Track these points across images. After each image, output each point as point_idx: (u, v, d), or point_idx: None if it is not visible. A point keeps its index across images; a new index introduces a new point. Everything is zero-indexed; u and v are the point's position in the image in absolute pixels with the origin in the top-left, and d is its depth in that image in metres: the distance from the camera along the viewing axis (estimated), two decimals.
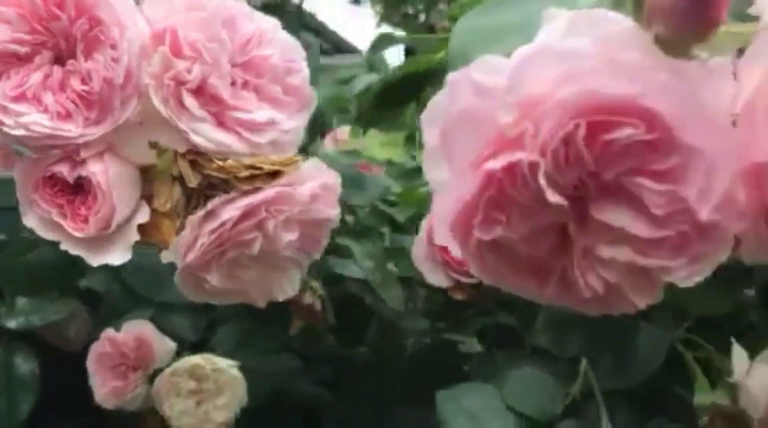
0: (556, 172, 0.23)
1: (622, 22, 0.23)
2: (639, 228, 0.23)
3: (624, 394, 0.57)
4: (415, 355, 0.74)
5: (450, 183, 0.25)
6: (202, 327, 0.80)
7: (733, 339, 0.53)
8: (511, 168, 0.23)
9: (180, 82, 0.36)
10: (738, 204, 0.23)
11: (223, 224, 0.37)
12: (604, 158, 0.23)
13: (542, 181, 0.22)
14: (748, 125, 0.22)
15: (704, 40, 0.22)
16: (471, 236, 0.25)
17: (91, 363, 0.67)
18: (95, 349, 0.67)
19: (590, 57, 0.23)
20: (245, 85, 0.38)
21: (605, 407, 0.56)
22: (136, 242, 0.38)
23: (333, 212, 0.41)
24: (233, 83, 0.38)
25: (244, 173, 0.37)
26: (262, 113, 0.38)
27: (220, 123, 0.37)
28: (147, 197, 0.39)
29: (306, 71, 0.41)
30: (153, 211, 0.38)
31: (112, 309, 0.73)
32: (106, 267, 0.44)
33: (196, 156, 0.37)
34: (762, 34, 0.22)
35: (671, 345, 0.58)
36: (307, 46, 0.40)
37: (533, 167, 0.22)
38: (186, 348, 0.73)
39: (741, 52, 0.23)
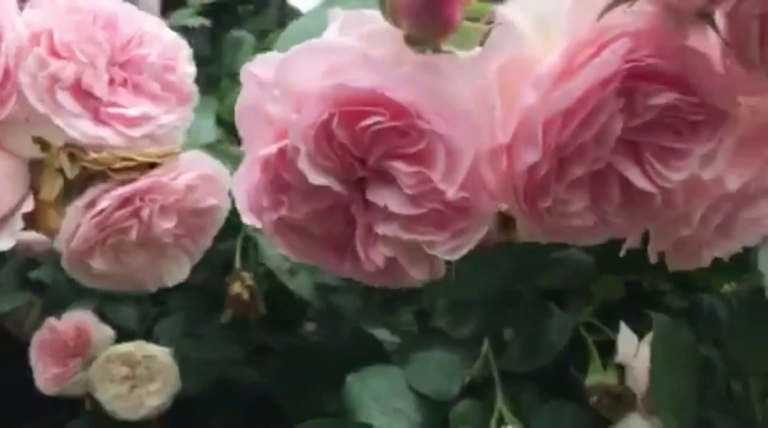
0: (321, 157, 0.25)
1: (381, 21, 0.26)
2: (398, 207, 0.26)
3: (529, 375, 0.60)
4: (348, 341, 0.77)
5: (243, 169, 0.28)
6: (150, 317, 0.83)
7: (622, 322, 0.56)
8: (281, 154, 0.26)
9: (54, 81, 0.38)
10: (487, 184, 0.26)
11: (101, 211, 0.40)
12: (362, 144, 0.25)
13: (303, 165, 0.25)
14: (489, 111, 0.25)
15: (444, 37, 0.25)
16: (263, 217, 0.28)
17: (33, 351, 0.70)
18: (37, 337, 0.70)
19: (348, 53, 0.25)
20: (124, 82, 0.41)
21: (510, 387, 0.58)
22: None
23: (215, 201, 0.44)
24: (112, 81, 0.41)
25: (118, 165, 0.40)
26: (137, 109, 0.40)
27: (97, 118, 0.40)
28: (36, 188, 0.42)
29: (187, 69, 0.44)
30: (40, 201, 0.41)
31: (58, 300, 0.76)
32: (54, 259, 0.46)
33: (74, 149, 0.40)
34: (496, 29, 0.25)
35: (575, 329, 0.60)
36: None
37: (295, 152, 0.25)
38: (134, 337, 0.76)
39: None
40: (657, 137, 0.25)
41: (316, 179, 0.25)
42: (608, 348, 0.59)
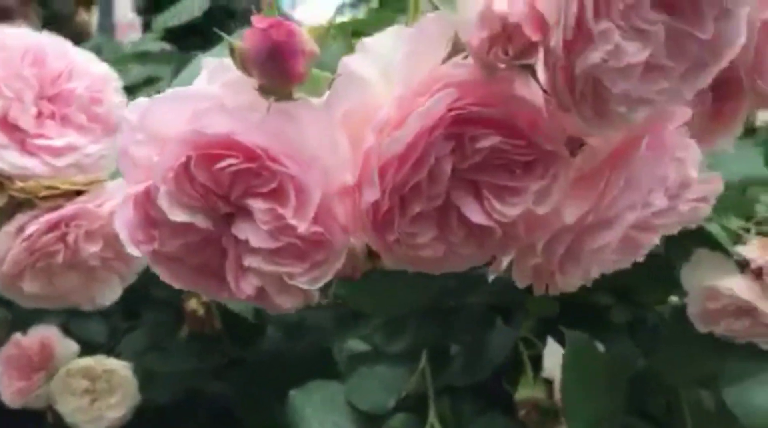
0: (182, 196, 0.28)
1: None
2: (258, 241, 0.28)
3: (468, 389, 0.62)
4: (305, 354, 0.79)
5: (120, 204, 0.30)
6: (120, 331, 0.85)
7: (549, 337, 0.58)
8: (146, 193, 0.28)
9: None
10: (340, 219, 0.28)
11: (29, 236, 0.43)
12: (222, 183, 0.28)
13: (163, 204, 0.27)
14: (335, 154, 0.27)
15: (291, 86, 0.27)
16: (140, 250, 0.30)
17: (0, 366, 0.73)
18: (3, 352, 0.73)
19: (208, 100, 0.28)
20: (52, 115, 0.44)
21: (450, 400, 0.60)
22: None
23: None
24: (40, 114, 0.43)
25: (44, 193, 0.42)
26: (63, 139, 0.43)
27: (24, 149, 0.42)
28: None
29: (115, 100, 0.46)
30: None
31: (26, 316, 0.79)
32: None
33: (2, 178, 0.42)
34: (339, 78, 0.27)
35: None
36: None
37: (155, 191, 0.27)
38: (100, 352, 0.78)
39: None
40: (492, 175, 0.27)
41: (177, 216, 0.27)
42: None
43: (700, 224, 0.52)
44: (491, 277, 0.33)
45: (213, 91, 0.28)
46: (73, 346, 0.74)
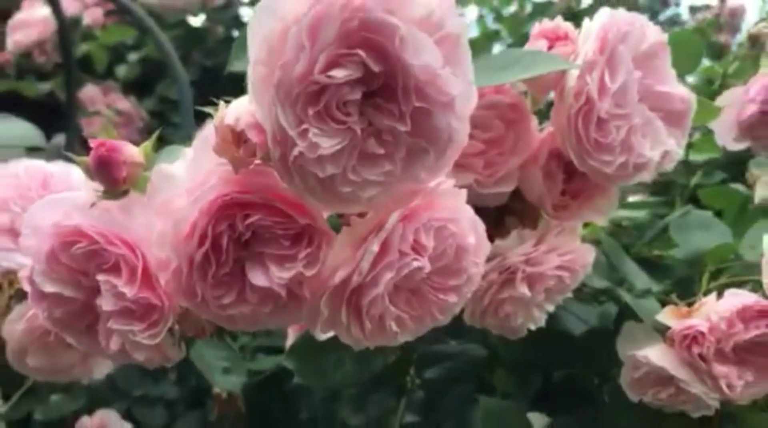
0: (52, 273, 0.37)
1: None
2: (106, 305, 0.37)
3: None
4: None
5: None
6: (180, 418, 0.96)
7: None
8: (31, 274, 0.38)
9: None
10: (163, 286, 0.37)
11: (29, 319, 0.54)
12: (79, 262, 0.37)
13: (38, 279, 0.37)
14: (154, 236, 0.36)
15: (119, 189, 0.36)
16: (42, 318, 0.40)
17: None
18: None
19: (71, 202, 0.38)
20: None
21: None
22: None
23: None
24: None
25: None
26: None
27: None
28: None
29: None
30: None
31: (98, 402, 0.91)
32: None
33: (11, 276, 0.55)
34: (154, 177, 0.36)
35: None
36: None
37: (29, 271, 0.37)
38: None
39: None
40: (270, 247, 0.35)
41: (48, 288, 0.37)
42: None
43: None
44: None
45: (76, 195, 0.38)
46: (127, 427, 0.85)
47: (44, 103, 1.46)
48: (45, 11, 1.26)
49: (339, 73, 0.30)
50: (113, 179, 0.36)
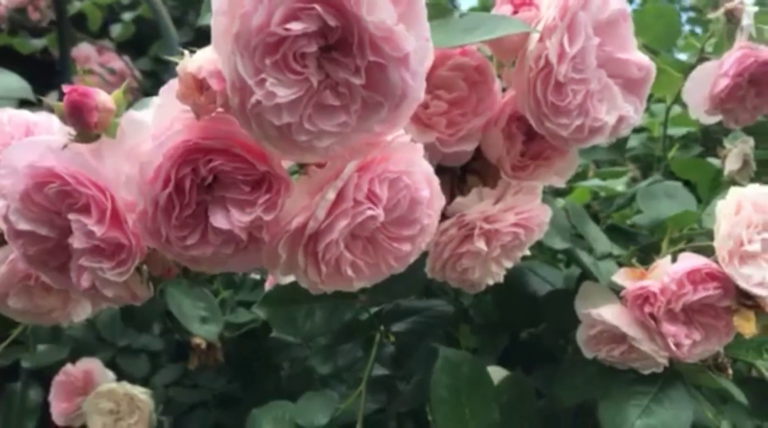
0: (26, 211, 0.39)
1: None
2: (77, 243, 0.39)
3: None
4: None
5: None
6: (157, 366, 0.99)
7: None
8: (6, 212, 0.40)
9: None
10: (131, 227, 0.39)
11: (10, 261, 0.56)
12: (52, 202, 0.39)
13: (12, 217, 0.39)
14: (122, 178, 0.38)
15: (90, 133, 0.38)
16: (18, 255, 0.42)
17: (52, 388, 0.88)
18: (55, 378, 0.88)
19: (45, 144, 0.39)
20: None
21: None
22: None
23: None
24: None
25: None
26: None
27: None
28: None
29: None
30: None
31: (82, 351, 0.94)
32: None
33: None
34: (124, 122, 0.38)
35: None
36: None
37: (7, 209, 0.39)
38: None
39: None
40: (231, 192, 0.37)
41: (23, 226, 0.39)
42: None
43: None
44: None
45: (50, 139, 0.40)
46: (111, 376, 0.88)
47: (37, 60, 1.47)
48: None
49: (295, 26, 0.32)
50: (85, 123, 0.38)
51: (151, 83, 1.57)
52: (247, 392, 0.90)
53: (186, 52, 0.35)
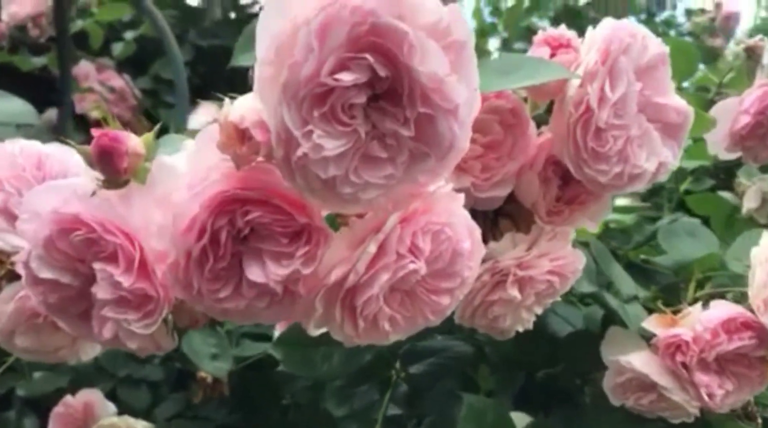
0: (50, 258, 0.37)
1: None
2: (101, 294, 0.37)
3: None
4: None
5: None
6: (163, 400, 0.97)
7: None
8: (28, 258, 0.38)
9: None
10: (159, 278, 0.37)
11: (19, 299, 0.54)
12: (77, 249, 0.37)
13: (34, 264, 0.37)
14: (152, 227, 0.36)
15: (119, 179, 0.37)
16: (37, 303, 0.40)
17: (50, 421, 0.85)
18: (54, 410, 0.85)
19: (70, 189, 0.38)
20: None
21: None
22: None
23: None
24: None
25: None
26: None
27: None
28: None
29: None
30: None
31: (83, 382, 0.91)
32: None
33: (1, 256, 0.55)
34: (154, 168, 0.36)
35: None
36: None
37: (30, 256, 0.37)
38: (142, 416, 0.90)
39: None
40: (268, 244, 0.35)
41: (45, 274, 0.37)
42: None
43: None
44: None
45: (75, 182, 0.38)
46: (112, 408, 0.85)
47: (36, 76, 1.45)
48: None
49: (347, 77, 0.30)
50: (115, 170, 0.36)
51: (151, 102, 1.55)
52: (250, 424, 0.88)
53: (227, 99, 0.34)
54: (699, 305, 0.53)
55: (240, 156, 0.33)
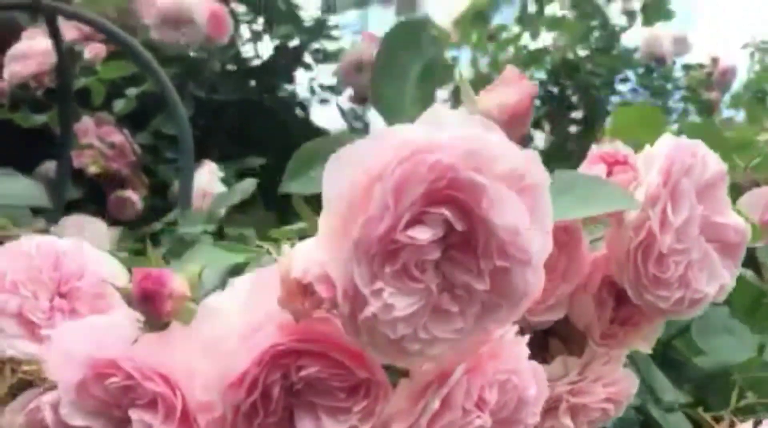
0: (82, 404, 0.34)
1: None
2: None
3: None
4: None
5: None
6: None
7: None
8: (55, 403, 0.35)
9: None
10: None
11: (30, 411, 0.51)
12: (113, 395, 0.34)
13: (64, 411, 0.34)
14: (195, 376, 0.33)
15: (161, 321, 0.34)
16: None
17: None
18: None
19: (106, 329, 0.35)
20: (62, 308, 0.53)
21: None
22: None
23: None
24: (52, 307, 0.53)
25: (45, 375, 0.51)
26: None
27: (34, 338, 0.51)
28: None
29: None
30: None
31: None
32: None
33: (13, 364, 0.51)
34: (200, 310, 0.33)
35: None
36: None
37: (59, 402, 0.34)
38: None
39: None
40: (323, 397, 0.32)
41: (76, 421, 0.34)
42: None
43: None
44: None
45: (111, 323, 0.35)
46: None
47: (35, 129, 1.42)
48: (45, 43, 1.23)
49: (422, 235, 0.28)
50: (157, 313, 0.33)
51: (151, 158, 1.53)
52: None
53: (285, 247, 0.31)
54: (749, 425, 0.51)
55: (301, 311, 0.30)
